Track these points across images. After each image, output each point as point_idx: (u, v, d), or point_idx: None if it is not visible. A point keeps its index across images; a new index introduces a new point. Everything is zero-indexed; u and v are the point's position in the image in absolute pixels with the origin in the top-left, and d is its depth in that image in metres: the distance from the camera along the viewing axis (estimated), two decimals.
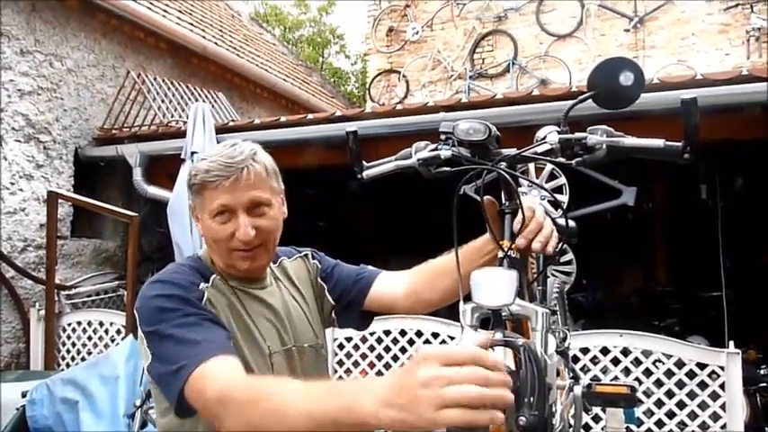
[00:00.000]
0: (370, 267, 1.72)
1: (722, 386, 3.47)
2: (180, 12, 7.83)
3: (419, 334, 4.19)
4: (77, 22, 5.95)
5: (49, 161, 5.63)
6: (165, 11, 7.18)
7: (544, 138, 1.35)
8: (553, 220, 1.44)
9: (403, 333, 4.24)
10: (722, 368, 3.47)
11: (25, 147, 5.42)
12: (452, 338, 4.05)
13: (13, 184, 5.30)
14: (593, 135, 1.30)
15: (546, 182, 3.79)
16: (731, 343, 3.53)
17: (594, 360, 3.77)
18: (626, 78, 1.28)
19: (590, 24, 9.36)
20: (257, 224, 1.40)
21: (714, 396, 3.50)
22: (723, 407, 3.47)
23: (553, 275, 2.31)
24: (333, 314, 1.68)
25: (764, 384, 4.75)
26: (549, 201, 1.83)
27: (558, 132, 1.33)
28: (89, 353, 5.07)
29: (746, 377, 3.68)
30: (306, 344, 1.54)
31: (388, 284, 1.64)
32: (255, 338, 1.43)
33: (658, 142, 1.27)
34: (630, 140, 1.29)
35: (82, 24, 6.00)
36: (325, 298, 1.66)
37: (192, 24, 7.70)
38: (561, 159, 1.34)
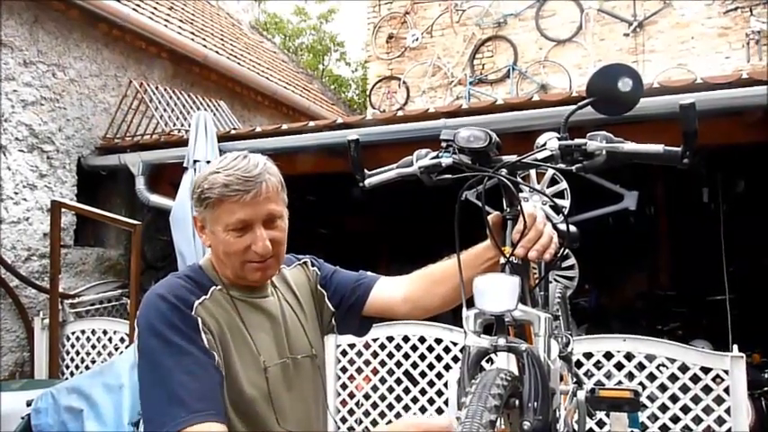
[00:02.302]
0: (369, 273, 1.72)
1: (727, 390, 3.45)
2: (181, 21, 7.87)
3: (422, 340, 4.19)
4: (79, 33, 5.99)
5: (52, 171, 5.65)
6: (166, 20, 7.22)
7: (544, 144, 1.36)
8: (554, 225, 1.45)
9: (406, 339, 4.24)
10: (726, 372, 3.45)
11: (29, 156, 5.45)
12: (455, 344, 4.06)
13: (16, 193, 5.33)
14: (592, 141, 1.31)
15: (547, 187, 3.79)
16: (735, 347, 3.51)
17: (598, 365, 3.76)
18: (624, 84, 1.29)
19: (589, 29, 9.37)
20: (272, 236, 1.42)
21: (719, 400, 3.49)
22: (728, 411, 3.45)
23: (555, 281, 2.31)
24: (332, 321, 1.68)
25: None
26: (550, 206, 1.84)
27: (558, 138, 1.34)
28: (93, 361, 5.07)
29: (751, 381, 3.68)
30: (300, 355, 1.54)
31: (387, 290, 1.65)
32: (252, 352, 1.43)
33: (658, 147, 1.28)
34: (630, 146, 1.30)
35: (84, 35, 6.03)
36: (325, 305, 1.67)
37: (193, 33, 7.74)
38: (561, 165, 1.35)
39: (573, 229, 1.49)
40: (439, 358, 4.13)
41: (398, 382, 4.26)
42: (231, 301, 1.45)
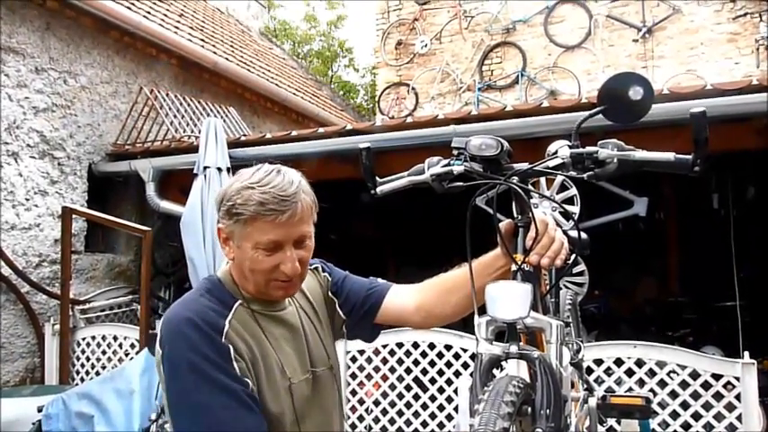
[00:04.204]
0: (380, 280, 1.71)
1: (738, 397, 3.43)
2: (191, 28, 7.91)
3: (432, 346, 4.19)
4: (91, 40, 6.03)
5: (63, 177, 5.69)
6: (176, 27, 7.27)
7: (555, 152, 1.36)
8: (564, 231, 1.45)
9: (416, 345, 4.23)
10: (738, 378, 3.43)
11: (40, 163, 5.49)
12: (465, 350, 4.05)
13: (28, 200, 5.36)
14: (603, 149, 1.31)
15: (557, 193, 3.79)
16: (746, 353, 3.49)
17: (608, 371, 3.75)
18: (635, 93, 1.29)
19: (598, 35, 9.37)
20: (300, 256, 1.40)
21: (730, 407, 3.47)
22: (739, 418, 3.43)
23: (566, 287, 2.31)
24: (343, 327, 1.68)
25: None
26: (560, 212, 1.85)
27: (570, 146, 1.34)
28: (103, 367, 5.08)
29: (762, 387, 3.65)
30: (321, 368, 1.53)
31: (399, 299, 1.64)
32: (279, 369, 1.42)
33: (668, 156, 1.28)
34: (641, 154, 1.30)
35: (95, 42, 6.08)
36: (337, 312, 1.66)
37: (203, 40, 7.78)
38: (573, 173, 1.35)
39: (583, 235, 1.49)
40: (449, 365, 4.13)
41: (408, 388, 4.26)
42: (254, 317, 1.43)
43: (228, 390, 1.29)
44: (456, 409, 4.01)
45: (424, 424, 4.16)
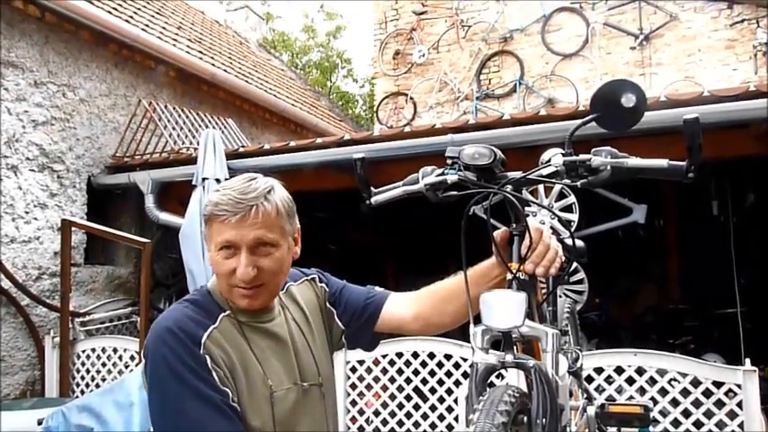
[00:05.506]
0: (377, 288, 1.70)
1: (740, 404, 3.42)
2: (189, 40, 7.95)
3: (432, 356, 4.18)
4: (89, 53, 6.06)
5: (62, 190, 5.69)
6: (174, 40, 7.30)
7: (549, 160, 1.36)
8: (561, 239, 1.45)
9: (416, 355, 4.22)
10: (739, 386, 3.42)
11: (39, 176, 5.50)
12: (465, 360, 4.04)
13: (27, 213, 5.37)
14: (597, 156, 1.31)
15: (555, 201, 3.79)
16: (748, 360, 3.48)
17: (609, 380, 3.74)
18: (628, 100, 1.29)
19: (596, 43, 9.39)
20: (260, 264, 1.38)
21: (732, 415, 3.45)
22: (741, 425, 3.41)
23: (564, 295, 2.31)
24: (342, 338, 1.66)
25: None
26: (558, 220, 1.84)
27: (563, 154, 1.34)
28: (103, 379, 5.07)
29: (764, 395, 3.64)
30: (308, 383, 1.51)
31: (397, 307, 1.63)
32: (261, 379, 1.41)
33: (662, 162, 1.28)
34: (634, 161, 1.30)
35: (94, 55, 6.10)
36: (335, 322, 1.65)
37: (201, 52, 7.81)
38: (567, 181, 1.35)
39: (579, 243, 1.49)
40: (449, 374, 4.11)
41: (408, 398, 4.24)
42: (239, 327, 1.43)
43: (207, 397, 1.30)
44: (456, 418, 4.00)
45: None
